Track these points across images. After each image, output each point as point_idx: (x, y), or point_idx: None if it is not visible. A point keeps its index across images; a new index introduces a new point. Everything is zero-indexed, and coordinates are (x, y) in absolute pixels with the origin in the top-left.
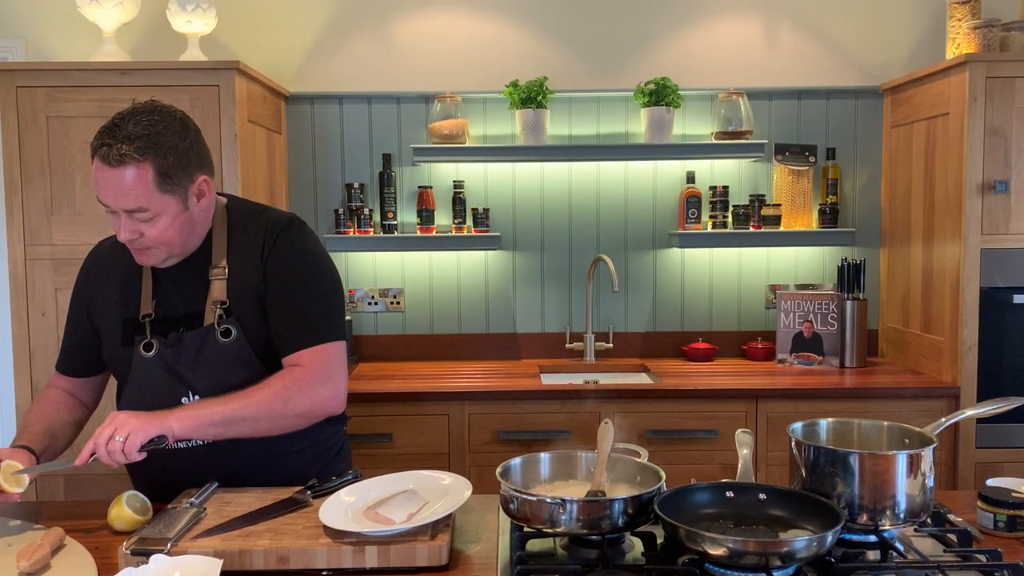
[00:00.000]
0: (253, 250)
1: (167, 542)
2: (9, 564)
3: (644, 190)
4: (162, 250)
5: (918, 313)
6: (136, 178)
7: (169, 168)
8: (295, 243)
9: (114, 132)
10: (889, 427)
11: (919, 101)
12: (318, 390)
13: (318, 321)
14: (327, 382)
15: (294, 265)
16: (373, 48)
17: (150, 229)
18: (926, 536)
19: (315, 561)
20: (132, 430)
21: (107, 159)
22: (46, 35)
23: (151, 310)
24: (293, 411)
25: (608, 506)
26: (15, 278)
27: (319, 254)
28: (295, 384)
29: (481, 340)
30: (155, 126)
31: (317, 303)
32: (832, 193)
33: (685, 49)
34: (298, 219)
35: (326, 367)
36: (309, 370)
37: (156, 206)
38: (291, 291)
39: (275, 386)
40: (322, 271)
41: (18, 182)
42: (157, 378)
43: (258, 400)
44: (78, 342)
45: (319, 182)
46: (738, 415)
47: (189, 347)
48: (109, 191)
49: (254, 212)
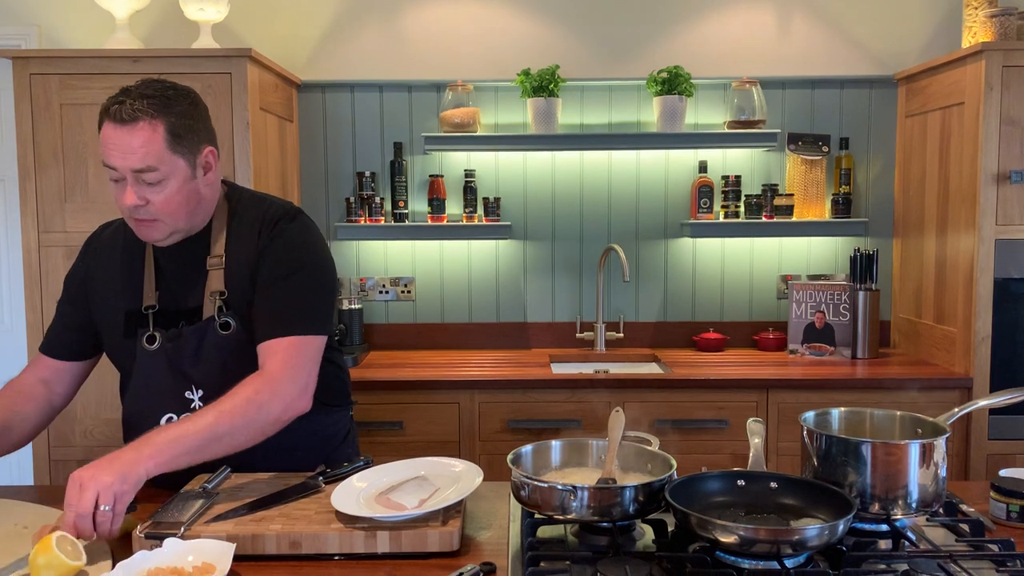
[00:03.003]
0: (251, 240)
1: (180, 526)
2: (24, 547)
3: (656, 179)
4: (167, 223)
5: (931, 304)
6: (148, 134)
7: (180, 129)
8: (290, 233)
9: (126, 92)
10: (902, 417)
11: (934, 90)
12: (287, 390)
13: (296, 312)
14: (295, 380)
15: (285, 254)
16: (385, 36)
17: (156, 195)
18: (938, 526)
19: (327, 546)
20: (116, 494)
21: (119, 116)
22: (59, 22)
23: (154, 302)
24: (267, 417)
25: (619, 493)
26: (29, 265)
27: (314, 247)
28: (266, 387)
29: (491, 329)
30: (167, 91)
31: (299, 294)
32: (845, 183)
33: (698, 38)
34: (298, 210)
35: (294, 362)
36: (277, 368)
37: (166, 167)
38: (276, 279)
39: (246, 392)
40: (313, 264)
41: (32, 169)
42: (161, 372)
43: (232, 411)
44: (68, 323)
45: (330, 170)
46: (749, 405)
47: (189, 342)
48: (118, 150)
49: (254, 201)
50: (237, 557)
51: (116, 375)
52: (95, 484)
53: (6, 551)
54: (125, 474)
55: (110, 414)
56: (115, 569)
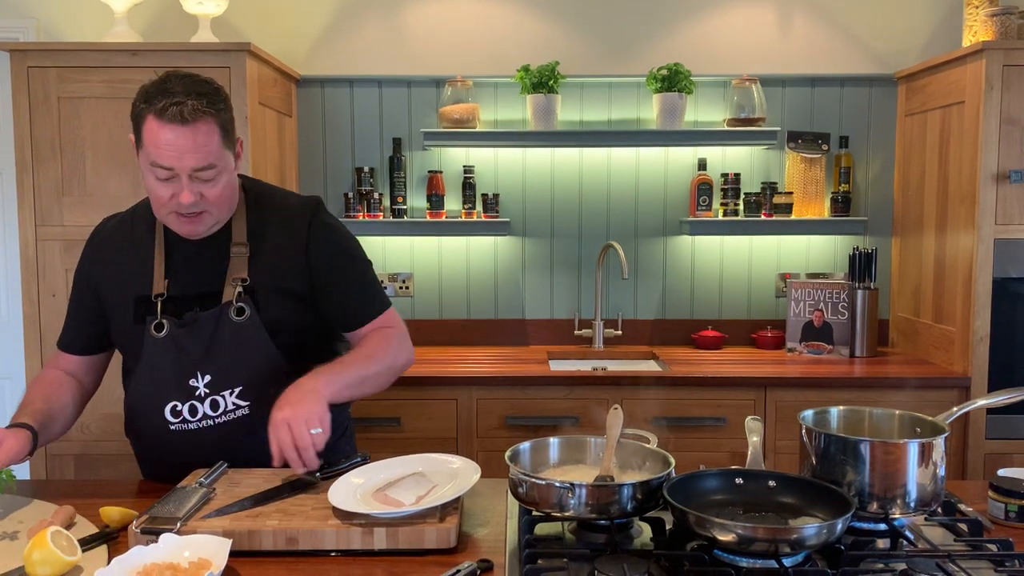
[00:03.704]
0: (284, 235)
1: (177, 521)
2: (20, 542)
3: (655, 177)
4: (213, 215)
5: (930, 303)
6: (208, 133)
7: (228, 124)
8: (330, 226)
9: (170, 92)
10: (900, 416)
11: (934, 89)
12: (408, 344)
13: (376, 291)
14: (408, 336)
15: (338, 247)
16: (384, 31)
17: (211, 189)
18: (936, 525)
19: (324, 542)
20: (320, 417)
21: (178, 117)
22: (57, 15)
23: (164, 289)
24: (398, 364)
25: (617, 491)
26: (26, 259)
27: (346, 231)
28: (398, 340)
29: (490, 326)
30: (208, 85)
31: (368, 276)
32: (845, 181)
33: (698, 35)
34: (318, 199)
35: (400, 325)
36: (396, 328)
37: (222, 162)
38: (345, 271)
39: (386, 341)
40: (357, 246)
41: (29, 163)
42: (168, 359)
43: (378, 355)
44: (81, 320)
45: (329, 166)
46: (747, 403)
47: (204, 327)
48: (175, 151)
49: (269, 193)
50: (233, 553)
51: (113, 370)
52: (303, 417)
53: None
54: (317, 399)
55: (107, 409)
56: (111, 564)
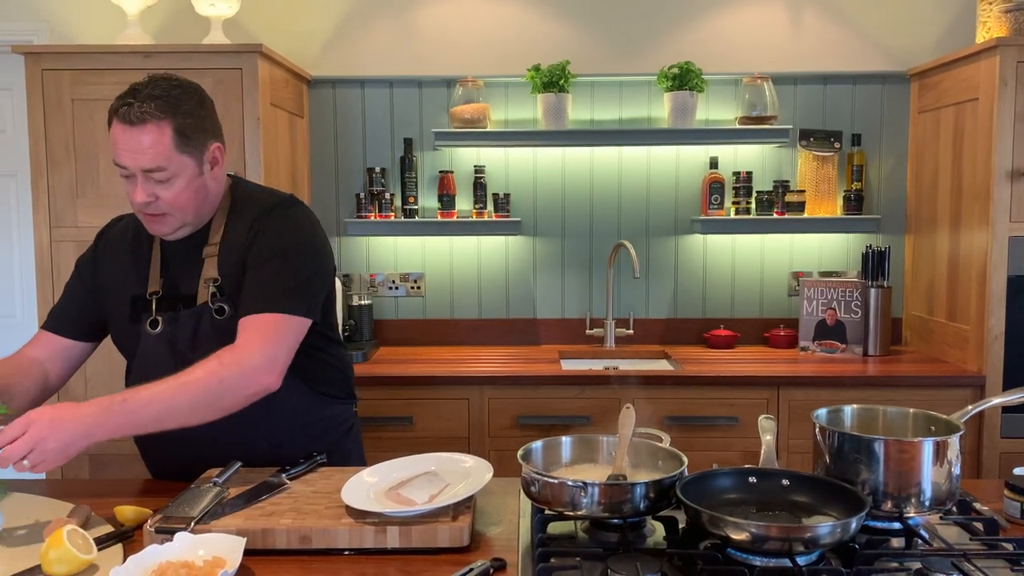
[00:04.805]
0: (243, 229)
1: (191, 520)
2: (37, 541)
3: (666, 175)
4: (176, 217)
5: (943, 301)
6: (156, 136)
7: (187, 129)
8: (282, 218)
9: (135, 93)
10: (915, 414)
11: (948, 86)
12: (254, 364)
13: (278, 290)
14: (264, 354)
15: (275, 238)
16: (395, 32)
17: (166, 192)
18: (951, 524)
19: (337, 541)
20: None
21: (127, 118)
22: (70, 18)
23: (159, 288)
24: (230, 390)
25: (630, 490)
26: (41, 260)
27: (304, 231)
28: (232, 360)
29: (501, 325)
30: (174, 90)
31: (283, 274)
32: (857, 179)
33: (709, 33)
34: (293, 199)
35: (267, 337)
36: (246, 342)
37: (174, 166)
38: (263, 260)
39: (211, 365)
40: (301, 247)
41: (44, 164)
42: (163, 355)
43: (194, 383)
44: (74, 302)
45: (340, 166)
46: (759, 403)
47: (186, 325)
48: (128, 151)
49: (252, 193)
50: (247, 551)
51: (119, 369)
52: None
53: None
54: (68, 445)
55: None
56: (126, 562)
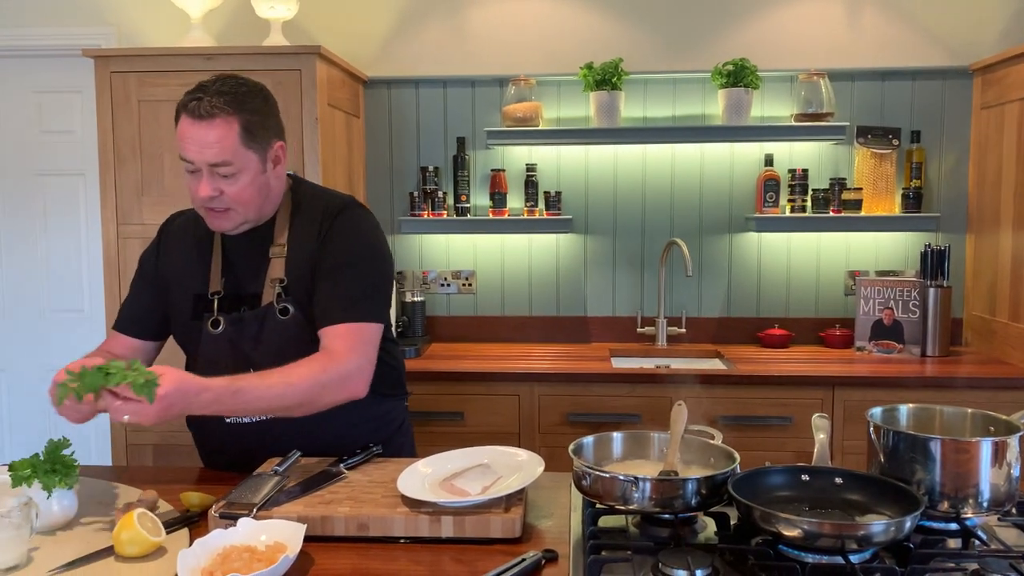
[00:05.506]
0: (311, 231)
1: (253, 507)
2: (110, 523)
3: (720, 173)
4: (239, 212)
5: (1006, 301)
6: (224, 131)
7: (253, 125)
8: (349, 224)
9: (203, 90)
10: (973, 414)
11: (1012, 81)
12: (350, 372)
13: (358, 299)
14: (357, 363)
15: (345, 244)
16: (449, 32)
17: (230, 187)
18: (1011, 526)
19: (393, 529)
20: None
21: (196, 112)
22: (136, 22)
23: (220, 287)
24: (328, 396)
25: (681, 485)
26: (108, 256)
27: (372, 238)
28: (333, 368)
29: (551, 323)
30: (241, 88)
31: (360, 282)
32: (916, 177)
33: (764, 29)
34: (356, 202)
35: (357, 347)
36: (342, 351)
37: (239, 161)
38: (338, 268)
39: (313, 370)
40: (371, 254)
41: (111, 164)
42: (224, 355)
43: (299, 384)
44: (140, 301)
45: (395, 165)
46: (814, 403)
47: (251, 326)
48: (195, 145)
49: (315, 194)
50: (307, 538)
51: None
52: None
53: (93, 535)
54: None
55: None
56: (192, 545)
